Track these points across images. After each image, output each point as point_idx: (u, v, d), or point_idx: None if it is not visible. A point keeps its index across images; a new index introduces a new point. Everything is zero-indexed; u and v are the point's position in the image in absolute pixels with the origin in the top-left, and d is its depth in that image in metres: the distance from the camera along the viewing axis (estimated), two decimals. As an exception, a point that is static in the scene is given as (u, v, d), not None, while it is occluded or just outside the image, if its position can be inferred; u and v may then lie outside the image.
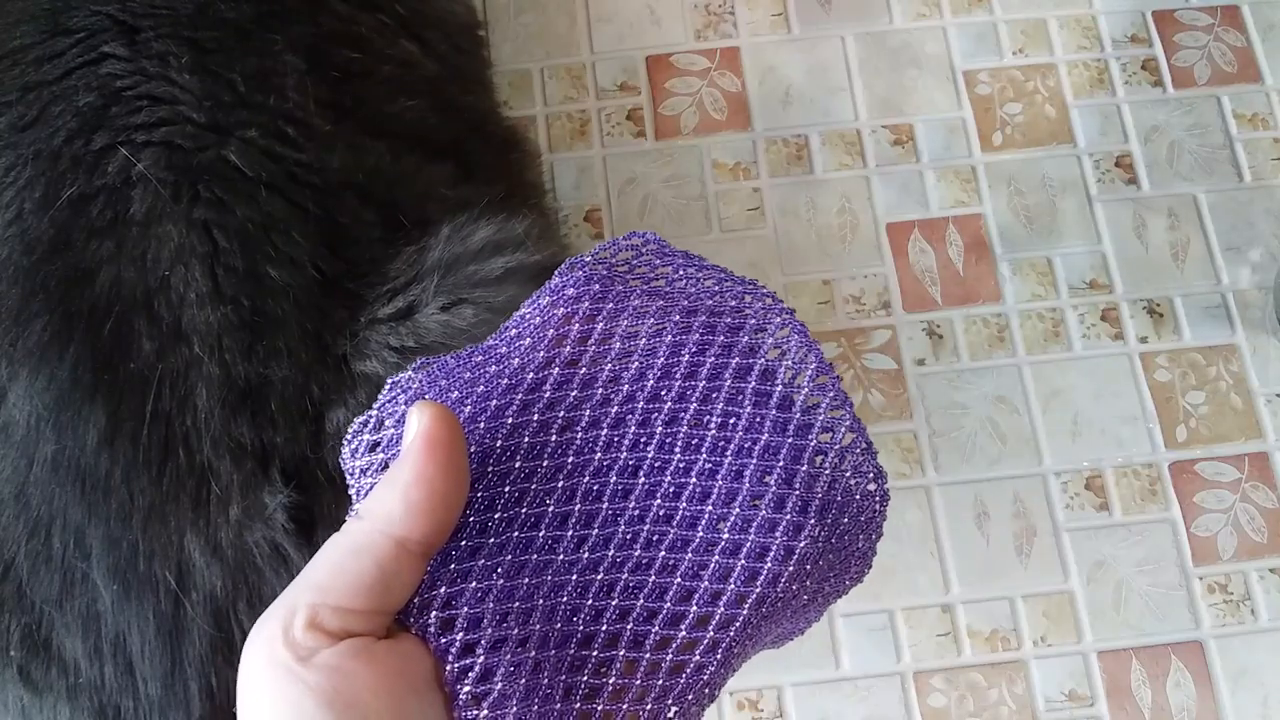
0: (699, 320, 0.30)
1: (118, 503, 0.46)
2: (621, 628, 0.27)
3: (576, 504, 0.28)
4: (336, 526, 0.47)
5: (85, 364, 0.47)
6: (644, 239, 0.33)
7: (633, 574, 0.27)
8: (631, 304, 0.30)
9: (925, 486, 0.79)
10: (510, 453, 0.28)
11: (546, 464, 0.28)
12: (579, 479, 0.28)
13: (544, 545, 0.28)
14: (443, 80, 0.64)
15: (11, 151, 0.50)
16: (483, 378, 0.29)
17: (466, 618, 0.26)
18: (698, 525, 0.28)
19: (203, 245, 0.49)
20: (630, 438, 0.28)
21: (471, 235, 0.54)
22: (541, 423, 0.29)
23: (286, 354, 0.49)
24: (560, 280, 0.31)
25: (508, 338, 0.31)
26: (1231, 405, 0.81)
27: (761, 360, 0.29)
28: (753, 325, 0.30)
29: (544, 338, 0.30)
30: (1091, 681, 0.75)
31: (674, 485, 0.28)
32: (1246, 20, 0.90)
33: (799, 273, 0.83)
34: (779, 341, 0.30)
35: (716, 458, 0.28)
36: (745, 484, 0.28)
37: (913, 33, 0.90)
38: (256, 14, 0.54)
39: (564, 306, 0.30)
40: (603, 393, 0.29)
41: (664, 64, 0.89)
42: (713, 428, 0.28)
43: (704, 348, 0.29)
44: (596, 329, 0.30)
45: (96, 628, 0.46)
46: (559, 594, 0.27)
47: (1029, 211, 0.85)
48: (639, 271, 0.32)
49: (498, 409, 0.29)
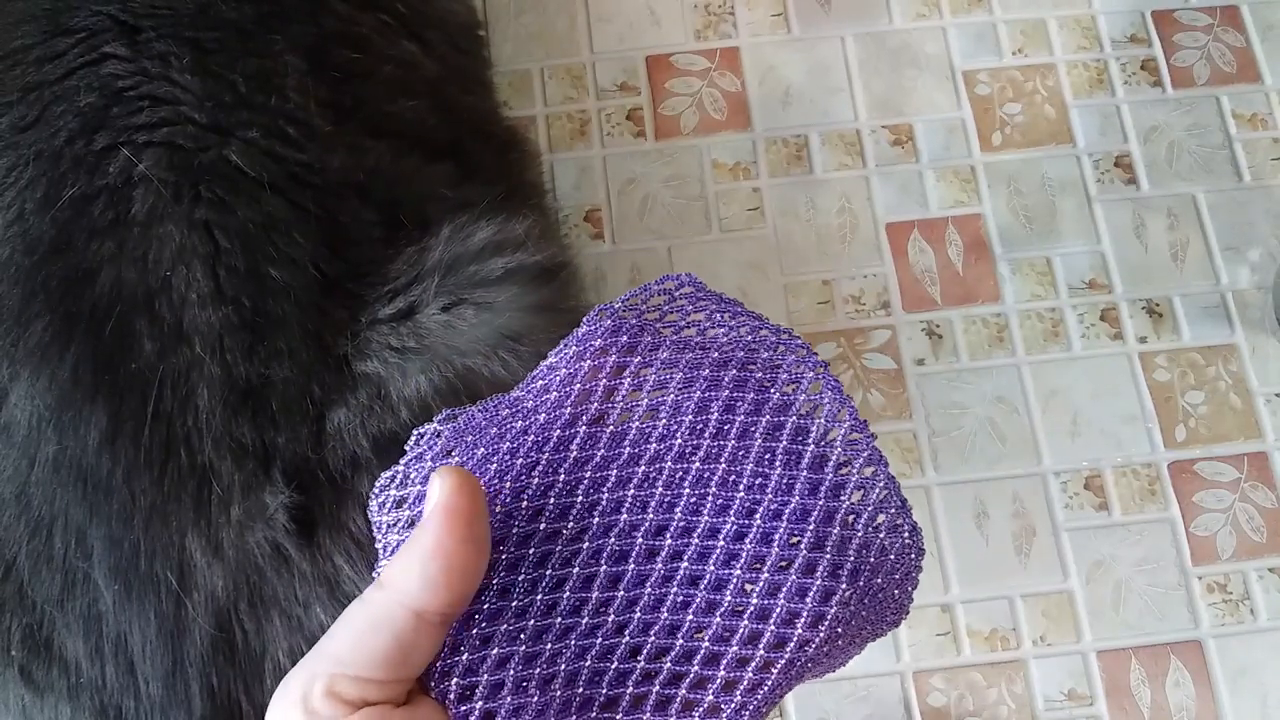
0: (729, 375, 0.29)
1: (119, 503, 0.46)
2: (647, 690, 0.27)
3: (602, 565, 0.28)
4: (338, 527, 0.48)
5: (86, 364, 0.47)
6: (678, 282, 0.32)
7: (658, 637, 0.27)
8: (660, 357, 0.30)
9: (925, 486, 0.79)
10: (535, 513, 0.28)
11: (571, 525, 0.28)
12: (604, 540, 0.28)
13: (568, 608, 0.27)
14: (443, 80, 0.64)
15: (13, 152, 0.50)
16: (508, 434, 0.29)
17: (487, 685, 0.26)
18: (725, 589, 0.27)
19: (204, 246, 0.49)
20: (657, 498, 0.28)
21: (472, 236, 0.54)
22: (567, 483, 0.28)
23: (287, 354, 0.49)
24: (587, 330, 0.31)
25: (534, 390, 0.30)
26: (1231, 405, 0.81)
27: (793, 418, 0.29)
28: (785, 379, 0.30)
29: (570, 392, 0.29)
30: (1091, 681, 0.75)
31: (701, 548, 0.28)
32: (1246, 20, 0.90)
33: (799, 273, 0.84)
34: (812, 397, 0.29)
35: (745, 520, 0.28)
36: (774, 548, 0.27)
37: (912, 33, 0.90)
38: (257, 14, 0.54)
39: (590, 359, 0.30)
40: (630, 452, 0.29)
41: (664, 64, 0.89)
42: (741, 489, 0.28)
43: (734, 405, 0.29)
44: (624, 384, 0.30)
45: (98, 628, 0.46)
46: (583, 657, 0.27)
47: (1028, 211, 0.85)
48: (670, 319, 0.32)
49: (523, 468, 0.28)
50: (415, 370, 0.50)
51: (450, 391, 0.50)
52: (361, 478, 0.48)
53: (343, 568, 0.47)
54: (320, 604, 0.47)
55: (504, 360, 0.50)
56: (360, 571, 0.47)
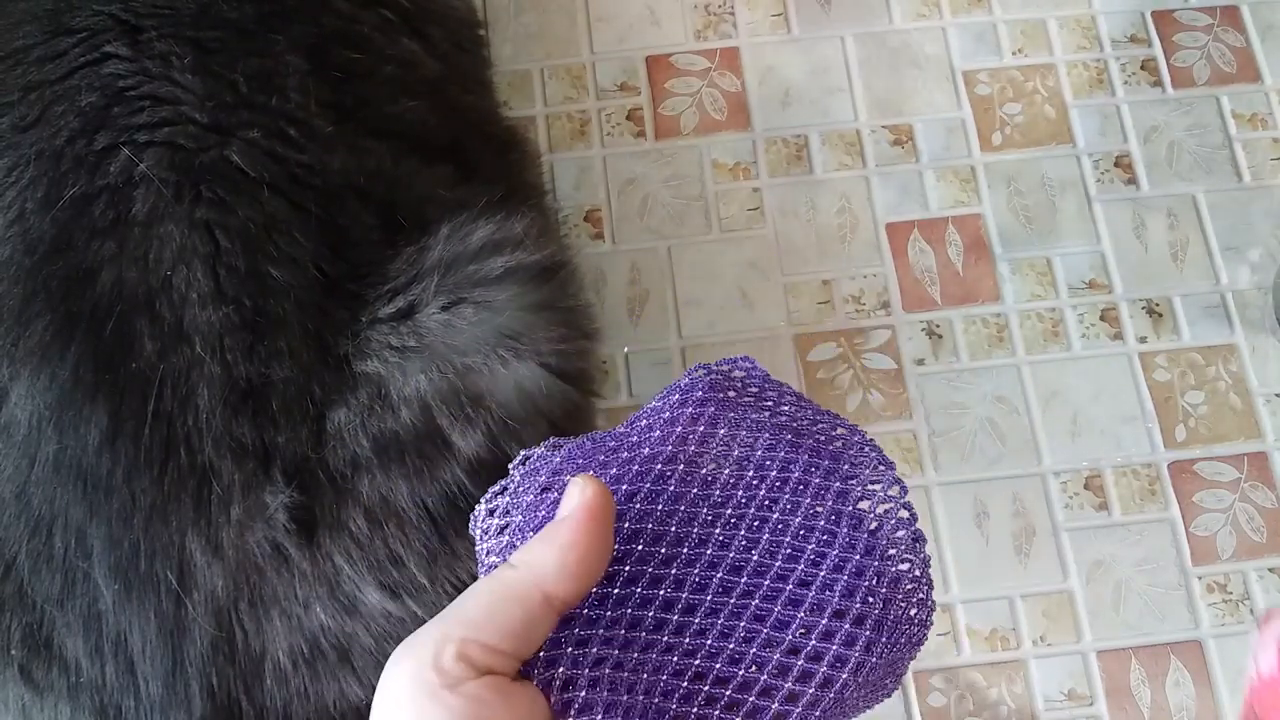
0: (808, 443, 0.33)
1: (119, 502, 0.46)
2: (708, 712, 0.29)
3: (685, 592, 0.30)
4: (338, 527, 0.48)
5: (87, 364, 0.47)
6: (751, 365, 0.37)
7: (725, 665, 0.30)
8: (750, 417, 0.34)
9: (925, 486, 0.79)
10: (634, 535, 0.31)
11: (664, 550, 0.31)
12: (689, 570, 0.31)
13: (652, 624, 0.30)
14: (444, 80, 0.64)
15: (14, 151, 0.50)
16: (615, 462, 0.33)
17: (586, 679, 0.28)
18: (787, 629, 0.30)
19: (204, 245, 0.49)
20: (739, 540, 0.31)
21: (471, 235, 0.54)
22: (663, 513, 0.32)
23: (288, 354, 0.49)
24: (690, 381, 0.35)
25: (639, 427, 0.34)
26: (1230, 405, 0.81)
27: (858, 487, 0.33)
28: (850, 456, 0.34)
29: (672, 434, 0.33)
30: (1091, 681, 0.75)
31: (770, 589, 0.31)
32: (1246, 20, 0.90)
33: (799, 273, 0.84)
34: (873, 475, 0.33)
35: (812, 570, 0.31)
36: (834, 598, 0.30)
37: (912, 33, 0.90)
38: (259, 13, 0.55)
39: (692, 407, 0.34)
40: (720, 494, 0.32)
41: (664, 64, 0.89)
42: (812, 542, 0.31)
43: (811, 468, 0.33)
44: (719, 434, 0.33)
45: (98, 627, 0.46)
46: (660, 672, 0.29)
47: (1028, 211, 0.85)
48: (750, 390, 0.36)
49: (627, 494, 0.32)
50: (415, 369, 0.50)
51: (450, 391, 0.50)
52: (361, 477, 0.48)
53: (343, 567, 0.47)
54: (320, 603, 0.47)
55: (503, 359, 0.50)
56: (360, 571, 0.47)
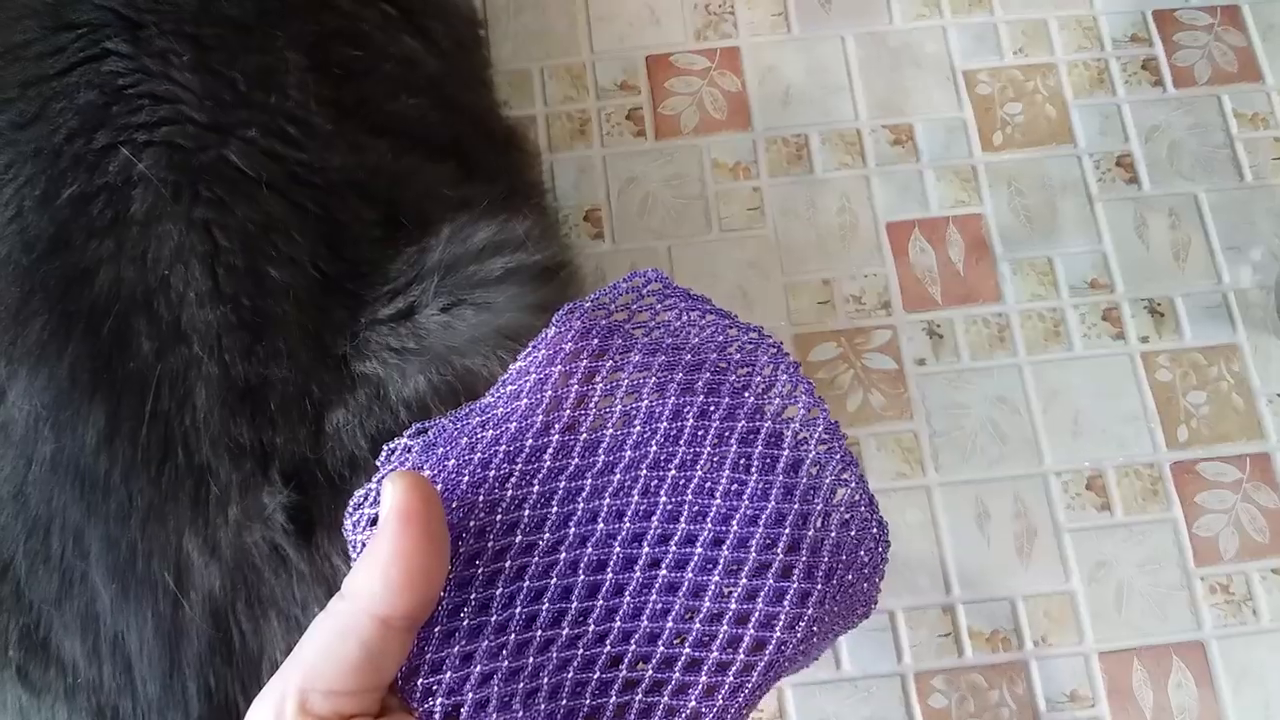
0: (703, 379, 0.29)
1: (116, 502, 0.45)
2: (629, 698, 0.27)
3: (580, 575, 0.28)
4: (336, 527, 0.48)
5: (84, 363, 0.46)
6: (645, 279, 0.32)
7: (639, 645, 0.27)
8: (632, 360, 0.30)
9: (926, 486, 0.79)
10: (510, 526, 0.28)
11: (548, 536, 0.28)
12: (581, 550, 0.28)
13: (548, 619, 0.27)
14: (444, 78, 0.63)
15: (12, 149, 0.50)
16: (479, 444, 0.29)
17: (472, 703, 0.26)
18: (704, 595, 0.27)
19: (203, 245, 0.49)
20: (633, 507, 0.28)
21: (472, 236, 0.53)
22: (542, 494, 0.28)
23: (286, 354, 0.49)
24: (557, 332, 0.30)
25: (504, 396, 0.30)
26: (1233, 405, 0.81)
27: (768, 422, 0.29)
28: (758, 382, 0.30)
29: (542, 399, 0.29)
30: (1093, 682, 0.75)
31: (679, 555, 0.28)
32: (1246, 20, 0.90)
33: (799, 273, 0.83)
34: (785, 399, 0.29)
35: (722, 526, 0.28)
36: (751, 553, 0.27)
37: (913, 33, 0.90)
38: (258, 10, 0.54)
39: (561, 364, 0.29)
40: (604, 460, 0.29)
41: (664, 64, 0.89)
42: (718, 496, 0.28)
43: (708, 410, 0.29)
44: (596, 390, 0.29)
45: (95, 628, 0.45)
46: (565, 669, 0.27)
47: (1029, 211, 0.85)
48: (639, 319, 0.31)
49: (496, 479, 0.28)
50: (414, 371, 0.49)
51: (449, 392, 0.49)
52: (360, 478, 0.48)
53: (341, 568, 0.47)
54: (318, 604, 0.47)
55: (503, 360, 0.50)
56: (359, 571, 0.47)
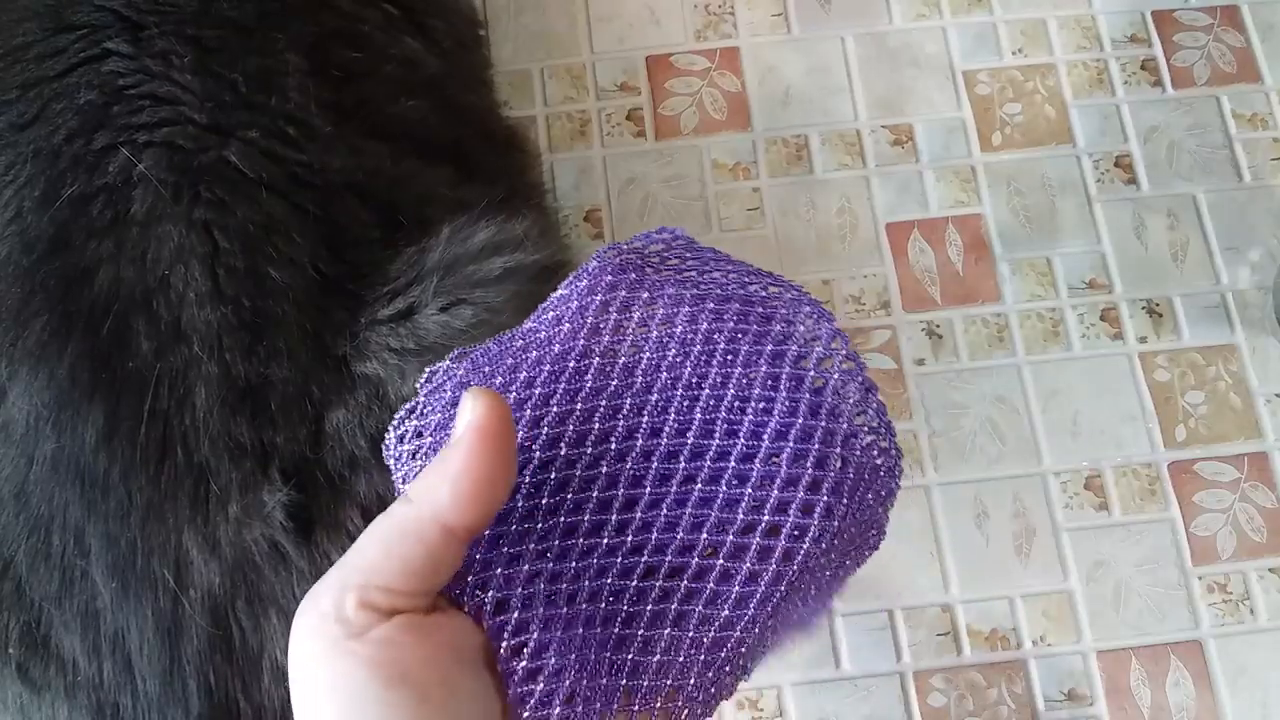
0: (732, 309, 0.31)
1: (116, 501, 0.46)
2: (664, 606, 0.28)
3: (620, 489, 0.29)
4: (335, 526, 0.48)
5: (84, 363, 0.47)
6: (673, 234, 0.34)
7: (674, 556, 0.28)
8: (666, 292, 0.31)
9: (925, 486, 0.79)
10: (554, 440, 0.29)
11: (590, 450, 0.29)
12: (620, 465, 0.29)
13: (588, 528, 0.28)
14: (445, 79, 0.64)
15: (12, 150, 0.50)
16: (524, 364, 0.30)
17: (520, 598, 0.27)
18: (737, 508, 0.28)
19: (203, 245, 0.49)
20: (669, 425, 0.29)
21: (471, 236, 0.54)
22: (583, 411, 0.30)
23: (286, 354, 0.49)
24: (597, 264, 0.32)
25: (547, 320, 0.31)
26: (1231, 405, 0.81)
27: (793, 346, 0.30)
28: (783, 314, 0.31)
29: (583, 324, 0.31)
30: (1091, 681, 0.75)
31: (712, 470, 0.29)
32: (1246, 20, 0.90)
33: (799, 273, 0.83)
34: (809, 328, 0.31)
35: (754, 442, 0.29)
36: (781, 466, 0.28)
37: (913, 33, 0.90)
38: (259, 11, 0.54)
39: (601, 294, 0.31)
40: (643, 380, 0.30)
41: (664, 64, 0.89)
42: (749, 413, 0.29)
43: (738, 335, 0.30)
44: (634, 316, 0.31)
45: (95, 625, 0.46)
46: (604, 575, 0.28)
47: (1028, 211, 0.85)
48: (670, 264, 0.33)
49: (541, 397, 0.30)
50: (414, 371, 0.50)
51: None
52: (359, 478, 0.48)
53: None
54: (318, 602, 0.47)
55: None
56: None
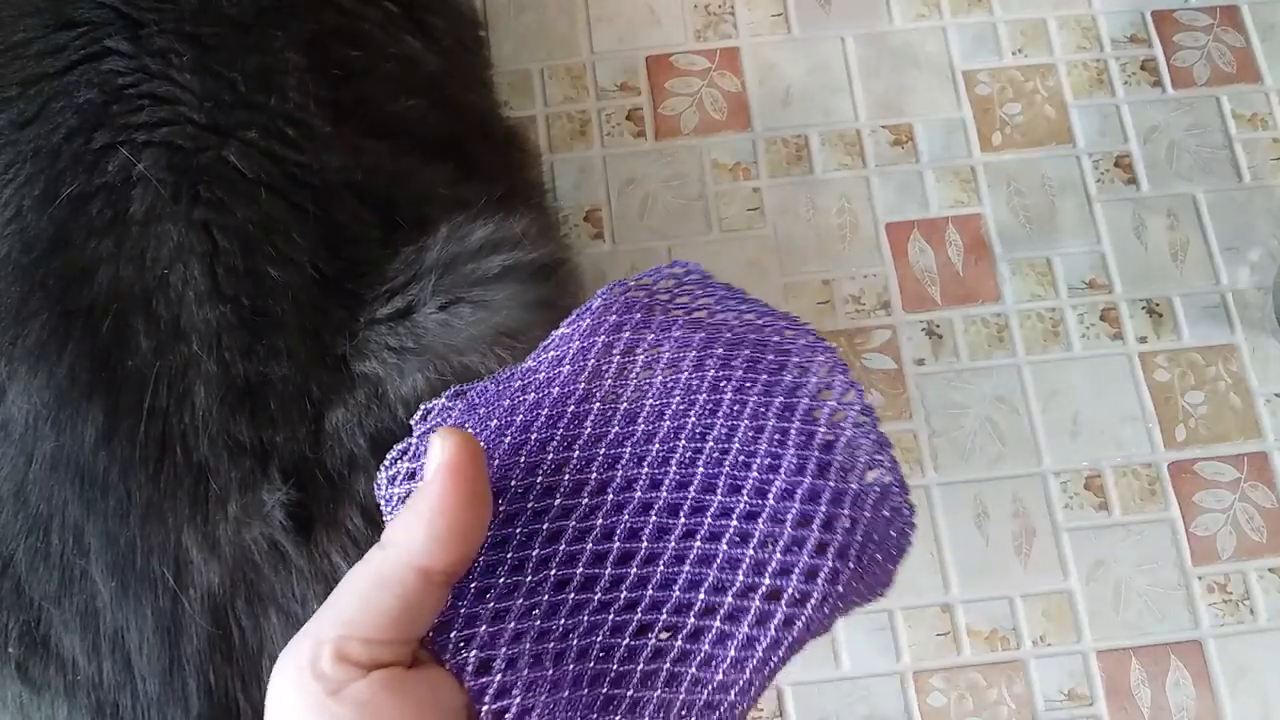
0: (742, 355, 0.29)
1: (115, 500, 0.46)
2: (657, 667, 0.27)
3: (615, 542, 0.28)
4: (335, 525, 0.48)
5: (84, 362, 0.47)
6: (685, 269, 0.32)
7: (669, 615, 0.27)
8: (674, 334, 0.30)
9: (925, 486, 0.79)
10: (548, 489, 0.28)
11: (585, 501, 0.28)
12: (618, 517, 0.28)
13: (580, 583, 0.27)
14: (444, 77, 0.64)
15: (11, 148, 0.50)
16: (522, 406, 0.29)
17: (504, 658, 0.26)
18: (737, 568, 0.27)
19: (202, 245, 0.49)
20: (670, 477, 0.28)
21: (470, 235, 0.54)
22: (581, 459, 0.28)
23: (286, 353, 0.49)
24: (602, 302, 0.30)
25: (547, 361, 0.30)
26: (1230, 405, 0.81)
27: (804, 400, 0.29)
28: (796, 363, 0.30)
29: (584, 366, 0.29)
30: (1091, 681, 0.75)
31: (714, 527, 0.28)
32: (1246, 20, 0.90)
33: (799, 273, 0.83)
34: (822, 380, 0.29)
35: (758, 500, 0.28)
36: (786, 528, 0.27)
37: (913, 33, 0.90)
38: (258, 9, 0.54)
39: (605, 334, 0.30)
40: (643, 429, 0.29)
41: (664, 64, 0.89)
42: (753, 469, 0.28)
43: (747, 385, 0.29)
44: (638, 359, 0.29)
45: (95, 625, 0.46)
46: (595, 633, 0.27)
47: (1028, 211, 0.85)
48: (680, 301, 0.32)
49: (537, 443, 0.28)
50: (413, 369, 0.50)
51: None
52: (359, 477, 0.48)
53: (340, 565, 0.47)
54: (317, 601, 0.47)
55: (501, 357, 0.50)
56: (357, 569, 0.47)
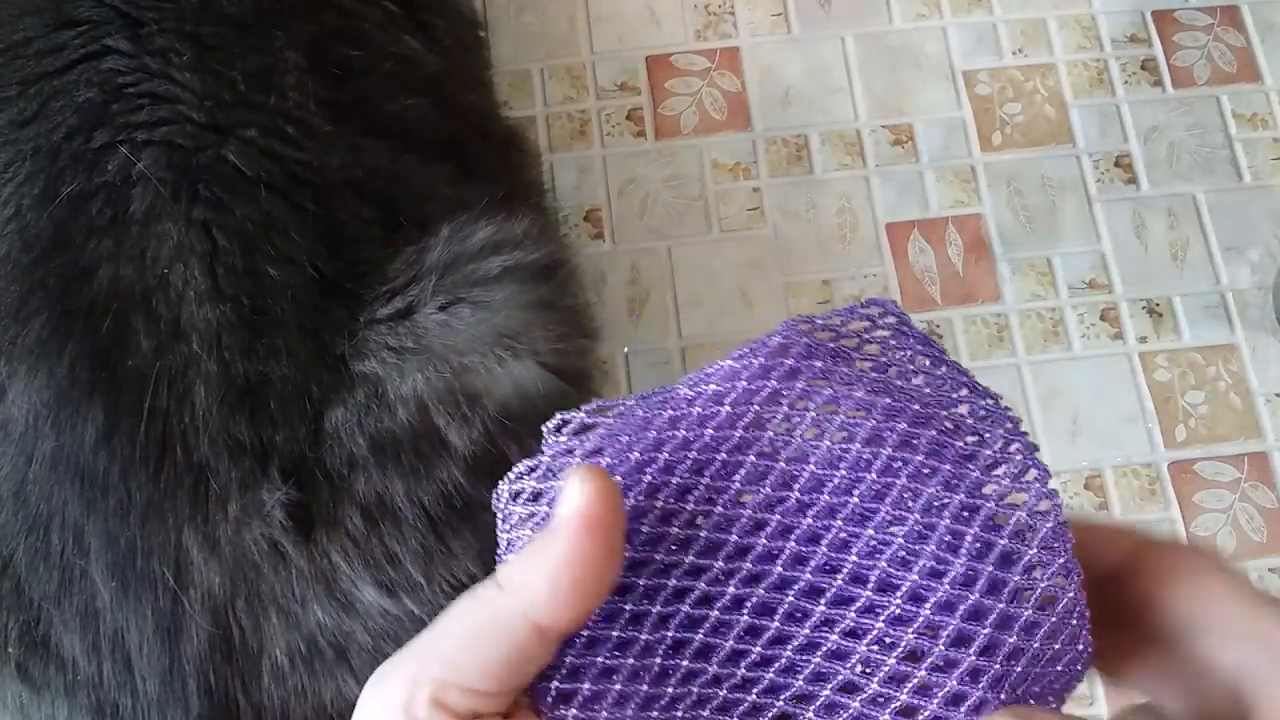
0: (926, 436, 0.25)
1: (116, 500, 0.46)
2: None
3: (744, 615, 0.25)
4: (335, 524, 0.48)
5: (84, 361, 0.47)
6: (882, 309, 0.28)
7: (787, 703, 0.25)
8: (854, 395, 0.26)
9: (924, 486, 0.79)
10: (683, 543, 0.25)
11: (720, 565, 0.25)
12: (752, 589, 0.25)
13: (697, 650, 0.25)
14: (444, 77, 0.64)
15: (11, 147, 0.50)
16: (669, 444, 0.26)
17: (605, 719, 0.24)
18: (872, 675, 0.24)
19: (202, 244, 0.49)
20: (819, 558, 0.25)
21: (470, 235, 0.54)
22: (724, 517, 0.25)
23: (286, 353, 0.49)
24: (781, 340, 0.26)
25: (705, 395, 0.26)
26: (1230, 405, 0.81)
27: (989, 504, 0.25)
28: (986, 457, 0.26)
29: (746, 413, 0.26)
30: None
31: (856, 624, 0.24)
32: (1246, 20, 0.90)
33: (799, 273, 0.83)
34: (1014, 480, 0.26)
35: (911, 605, 0.24)
36: (939, 645, 0.24)
37: (913, 33, 0.90)
38: (258, 9, 0.54)
39: (776, 379, 0.26)
40: (797, 499, 0.25)
41: (664, 64, 0.89)
42: (914, 570, 0.24)
43: (923, 473, 0.25)
44: (808, 416, 0.26)
45: (95, 625, 0.46)
46: (702, 707, 0.25)
47: (1028, 211, 0.85)
48: (868, 349, 0.28)
49: (679, 489, 0.25)
50: (412, 369, 0.50)
51: (447, 390, 0.50)
52: (358, 476, 0.48)
53: (339, 565, 0.47)
54: (317, 601, 0.47)
55: (500, 358, 0.50)
56: (357, 569, 0.47)
